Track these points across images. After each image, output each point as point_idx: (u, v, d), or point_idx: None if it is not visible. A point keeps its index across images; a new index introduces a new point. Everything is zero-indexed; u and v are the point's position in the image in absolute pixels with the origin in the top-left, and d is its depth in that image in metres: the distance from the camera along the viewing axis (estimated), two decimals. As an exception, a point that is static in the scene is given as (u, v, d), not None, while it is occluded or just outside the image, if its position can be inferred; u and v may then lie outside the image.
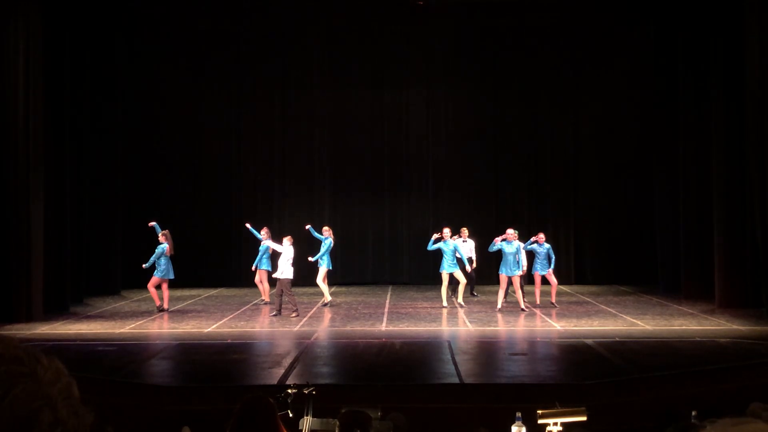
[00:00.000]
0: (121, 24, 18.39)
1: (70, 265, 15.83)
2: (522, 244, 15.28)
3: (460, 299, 15.82)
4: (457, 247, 15.74)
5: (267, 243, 15.98)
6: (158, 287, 15.35)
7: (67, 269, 15.66)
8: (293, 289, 15.07)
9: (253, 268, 16.60)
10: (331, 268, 16.18)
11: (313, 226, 16.39)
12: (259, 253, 16.40)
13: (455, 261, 15.53)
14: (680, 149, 16.77)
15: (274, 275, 15.05)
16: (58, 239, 15.29)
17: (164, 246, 15.19)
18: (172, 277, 15.36)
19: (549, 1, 19.13)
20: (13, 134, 14.07)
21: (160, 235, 15.32)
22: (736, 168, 14.82)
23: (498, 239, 15.22)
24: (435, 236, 15.74)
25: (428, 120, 20.64)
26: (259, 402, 3.64)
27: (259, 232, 16.19)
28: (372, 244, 20.47)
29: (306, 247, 16.93)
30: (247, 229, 16.72)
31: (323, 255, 15.86)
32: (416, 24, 19.60)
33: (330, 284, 16.51)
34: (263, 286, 16.53)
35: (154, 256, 15.18)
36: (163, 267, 15.16)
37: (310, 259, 16.06)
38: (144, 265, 15.29)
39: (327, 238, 15.96)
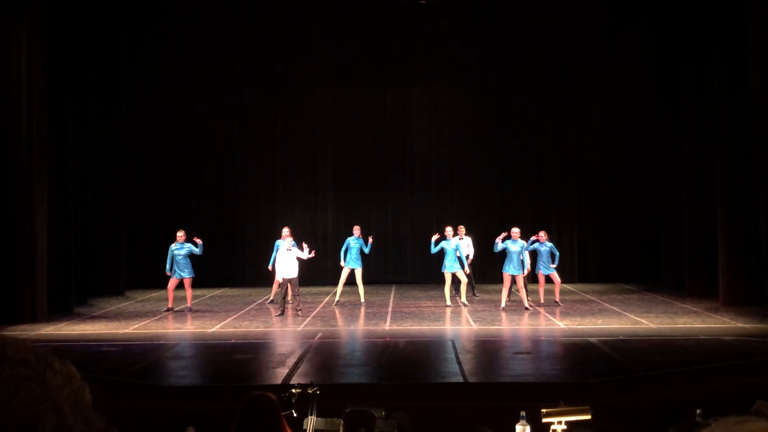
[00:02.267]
0: (123, 24, 18.40)
1: (74, 265, 15.84)
2: (525, 244, 15.27)
3: (463, 298, 15.81)
4: (459, 247, 15.74)
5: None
6: (177, 287, 15.45)
7: (71, 270, 15.67)
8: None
9: (270, 268, 16.37)
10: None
11: (367, 237, 16.41)
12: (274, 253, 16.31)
13: (457, 260, 15.53)
14: (684, 147, 16.75)
15: (281, 275, 14.99)
16: (62, 240, 15.30)
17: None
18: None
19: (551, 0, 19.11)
20: (16, 135, 14.08)
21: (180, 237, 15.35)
22: (739, 165, 14.79)
23: (500, 238, 15.19)
24: (435, 237, 15.73)
25: (431, 119, 20.63)
26: (262, 400, 3.64)
27: (287, 240, 15.28)
28: (375, 243, 20.41)
29: (311, 245, 16.92)
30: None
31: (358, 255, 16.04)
32: (419, 22, 19.59)
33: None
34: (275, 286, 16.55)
35: (199, 250, 15.31)
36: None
37: (342, 263, 16.20)
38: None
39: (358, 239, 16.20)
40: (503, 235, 15.28)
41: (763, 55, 13.77)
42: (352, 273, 16.12)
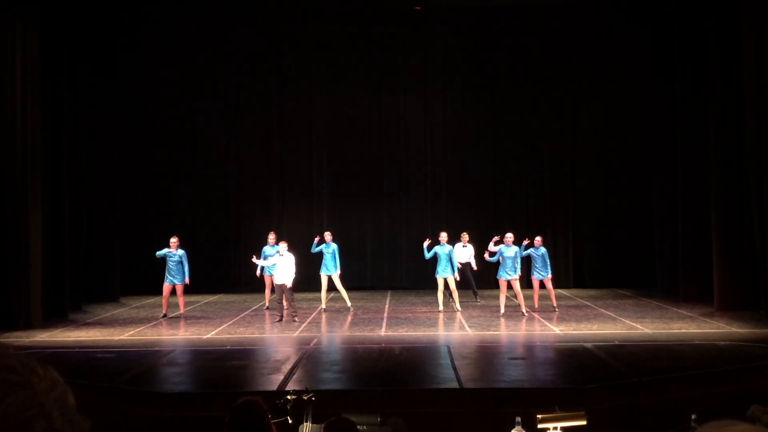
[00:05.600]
0: (119, 29, 18.38)
1: (69, 272, 15.80)
2: (518, 249, 15.24)
3: (457, 305, 15.79)
4: (452, 252, 15.72)
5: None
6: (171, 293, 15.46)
7: (66, 276, 15.64)
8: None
9: (258, 274, 16.47)
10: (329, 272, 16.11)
11: (318, 239, 16.25)
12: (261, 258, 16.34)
13: (450, 265, 15.51)
14: (678, 152, 16.79)
15: (275, 281, 14.98)
16: (56, 246, 15.27)
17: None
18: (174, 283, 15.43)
19: (545, 5, 19.13)
20: (10, 140, 14.07)
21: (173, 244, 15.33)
22: (734, 170, 14.84)
23: (492, 244, 15.26)
24: (426, 243, 15.71)
25: (426, 124, 20.64)
26: (250, 406, 3.64)
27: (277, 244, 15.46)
28: (371, 249, 20.45)
29: (306, 250, 16.94)
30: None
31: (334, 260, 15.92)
32: (414, 29, 19.60)
33: (329, 289, 16.41)
34: (267, 291, 16.58)
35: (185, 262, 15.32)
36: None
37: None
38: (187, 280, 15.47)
39: (329, 244, 15.99)
40: (495, 239, 15.33)
41: (757, 64, 13.80)
42: (330, 280, 16.02)
